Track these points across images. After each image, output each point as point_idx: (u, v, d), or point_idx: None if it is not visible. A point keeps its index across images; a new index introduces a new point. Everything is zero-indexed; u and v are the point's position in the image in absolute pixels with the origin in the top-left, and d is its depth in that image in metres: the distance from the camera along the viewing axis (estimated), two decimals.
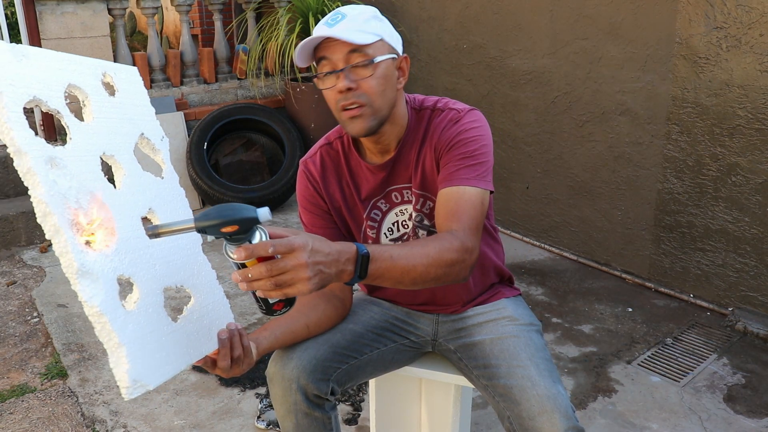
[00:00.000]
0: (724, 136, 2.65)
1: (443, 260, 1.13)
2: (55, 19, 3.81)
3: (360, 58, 1.24)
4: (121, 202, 0.97)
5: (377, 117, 1.29)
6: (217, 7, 4.45)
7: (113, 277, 0.90)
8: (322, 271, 0.96)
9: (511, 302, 1.52)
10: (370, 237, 1.46)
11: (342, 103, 1.27)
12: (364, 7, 1.31)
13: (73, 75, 0.97)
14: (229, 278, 3.17)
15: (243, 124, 4.25)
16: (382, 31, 1.28)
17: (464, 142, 1.31)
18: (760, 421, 2.11)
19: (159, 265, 1.00)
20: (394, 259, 1.07)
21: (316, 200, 1.45)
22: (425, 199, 1.40)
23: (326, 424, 1.37)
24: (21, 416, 2.18)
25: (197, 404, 2.23)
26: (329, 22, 1.26)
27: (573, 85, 3.18)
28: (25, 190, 3.77)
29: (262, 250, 0.91)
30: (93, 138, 0.97)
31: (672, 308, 2.85)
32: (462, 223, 1.21)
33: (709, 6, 2.59)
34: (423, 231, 1.43)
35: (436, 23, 3.85)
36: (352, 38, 1.22)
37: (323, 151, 1.46)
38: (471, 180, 1.27)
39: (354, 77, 1.25)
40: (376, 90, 1.27)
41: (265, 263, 0.92)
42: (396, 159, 1.39)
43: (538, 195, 3.46)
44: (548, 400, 1.23)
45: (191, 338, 1.04)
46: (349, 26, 1.24)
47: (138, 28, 7.11)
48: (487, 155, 1.32)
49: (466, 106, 1.38)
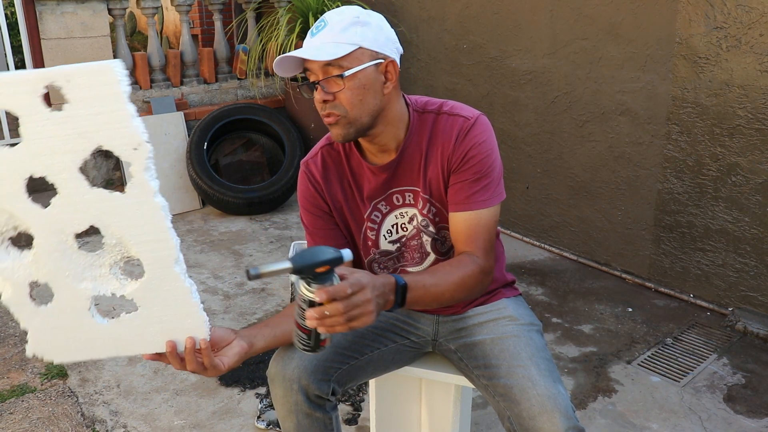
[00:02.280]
0: (724, 136, 2.65)
1: (466, 285, 1.29)
2: (55, 19, 3.81)
3: (335, 71, 1.25)
4: (48, 220, 1.06)
5: (354, 125, 1.30)
6: (217, 7, 4.45)
7: (25, 281, 1.09)
8: (378, 303, 1.09)
9: (512, 302, 1.52)
10: (369, 238, 1.46)
11: (321, 113, 1.31)
12: (348, 10, 1.29)
13: (4, 98, 0.98)
14: (229, 278, 3.19)
15: (243, 124, 4.25)
16: (361, 38, 1.26)
17: (477, 159, 1.33)
18: (760, 421, 2.11)
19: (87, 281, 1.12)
20: (426, 288, 1.22)
21: (317, 202, 1.45)
22: (431, 204, 1.40)
23: (327, 424, 1.38)
24: (21, 416, 2.18)
25: (197, 404, 2.23)
26: (313, 30, 1.29)
27: (573, 85, 3.18)
28: None
29: (342, 292, 1.02)
30: (16, 163, 1.01)
31: (672, 308, 2.85)
32: (479, 247, 1.33)
33: (709, 6, 2.59)
34: (428, 237, 1.43)
35: (436, 23, 3.85)
36: (320, 56, 1.24)
37: (324, 151, 1.46)
38: (486, 202, 1.34)
39: (329, 89, 1.27)
40: (352, 101, 1.27)
41: (341, 302, 1.02)
42: (399, 161, 1.39)
43: (538, 195, 3.46)
44: (549, 400, 1.23)
45: (123, 338, 1.15)
46: (325, 39, 1.26)
47: (138, 28, 7.12)
48: (498, 167, 1.38)
49: (472, 112, 1.37)
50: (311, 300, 1.03)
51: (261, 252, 3.49)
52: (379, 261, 1.49)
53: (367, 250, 1.48)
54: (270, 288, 3.08)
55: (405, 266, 1.49)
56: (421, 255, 1.46)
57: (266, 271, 1.02)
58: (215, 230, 3.83)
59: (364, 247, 1.48)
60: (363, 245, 1.47)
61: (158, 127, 4.07)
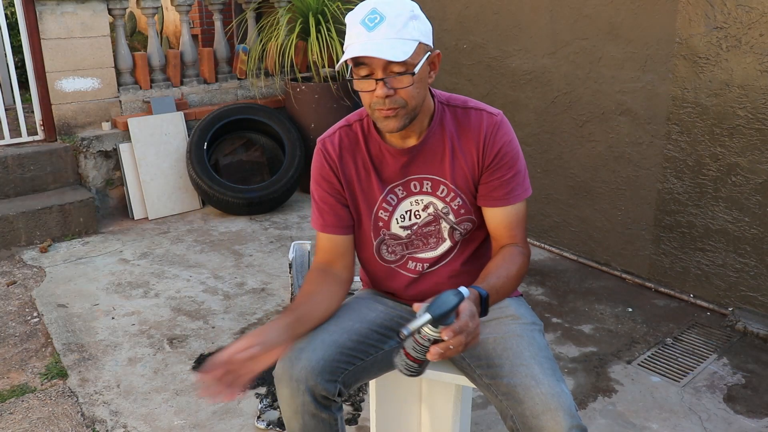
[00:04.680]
0: (724, 136, 2.65)
1: (521, 276, 1.41)
2: (55, 19, 3.81)
3: (401, 68, 1.26)
4: None
5: (410, 116, 1.33)
6: (217, 7, 4.45)
7: None
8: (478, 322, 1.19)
9: (513, 302, 1.53)
10: (381, 219, 1.48)
11: (378, 107, 1.30)
12: (403, 4, 1.28)
13: None
14: (229, 278, 3.19)
15: (243, 124, 4.25)
16: (419, 33, 1.28)
17: (510, 156, 1.42)
18: (760, 421, 2.11)
19: None
20: (496, 290, 1.31)
21: (330, 178, 1.47)
22: (458, 195, 1.44)
23: (332, 425, 1.38)
24: (21, 416, 2.18)
25: (197, 404, 2.23)
26: (367, 23, 1.25)
27: (573, 85, 3.18)
28: (26, 190, 3.77)
29: (465, 327, 1.13)
30: None
31: (672, 308, 2.85)
32: (521, 238, 1.45)
33: (709, 6, 2.59)
34: (446, 224, 1.47)
35: (436, 23, 3.85)
36: (395, 56, 1.23)
37: (342, 132, 1.47)
38: (521, 195, 1.45)
39: (393, 85, 1.27)
40: (414, 94, 1.30)
41: (463, 335, 1.13)
42: (420, 148, 1.42)
43: (538, 195, 3.46)
44: (552, 399, 1.23)
45: None
46: (388, 34, 1.23)
47: (138, 28, 7.11)
48: (523, 161, 1.46)
49: (494, 109, 1.44)
50: (437, 338, 1.14)
51: (261, 252, 3.49)
52: (388, 243, 1.51)
53: (378, 230, 1.49)
54: (270, 288, 3.08)
55: (415, 253, 1.50)
56: (437, 240, 1.49)
57: (414, 327, 1.14)
58: (215, 230, 3.83)
59: (375, 228, 1.49)
60: (374, 226, 1.49)
61: (158, 127, 4.07)
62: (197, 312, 2.87)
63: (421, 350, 1.16)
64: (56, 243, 3.62)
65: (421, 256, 1.50)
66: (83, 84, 3.97)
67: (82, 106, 4.00)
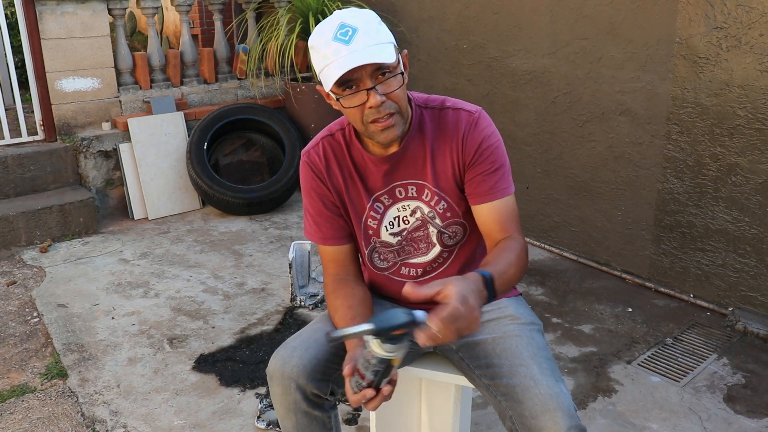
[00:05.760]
0: (724, 136, 2.65)
1: (522, 264, 1.33)
2: (55, 19, 3.81)
3: (387, 72, 1.26)
4: None
5: (405, 119, 1.34)
6: (217, 7, 4.45)
7: None
8: (479, 305, 1.11)
9: (512, 302, 1.52)
10: (370, 227, 1.48)
11: (374, 117, 1.28)
12: (363, 13, 1.28)
13: None
14: (229, 278, 3.20)
15: (243, 124, 4.25)
16: (389, 36, 1.29)
17: (491, 150, 1.38)
18: (760, 421, 2.11)
19: None
20: (501, 274, 1.23)
21: (321, 190, 1.46)
22: (441, 198, 1.43)
23: (326, 423, 1.38)
24: (21, 416, 2.18)
25: (197, 404, 2.23)
26: (341, 38, 1.22)
27: (573, 85, 3.18)
28: (26, 190, 3.77)
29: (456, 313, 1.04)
30: None
31: (672, 308, 2.85)
32: (514, 230, 1.39)
33: (709, 6, 2.59)
34: (434, 228, 1.46)
35: (436, 23, 3.85)
36: (385, 58, 1.23)
37: (325, 141, 1.47)
38: (506, 189, 1.40)
39: (384, 91, 1.27)
40: (401, 96, 1.30)
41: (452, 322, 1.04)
42: (401, 154, 1.41)
43: (538, 195, 3.46)
44: (551, 399, 1.23)
45: None
46: (367, 42, 1.22)
47: (138, 28, 7.11)
48: (506, 156, 1.42)
49: (474, 107, 1.42)
50: (385, 359, 1.08)
51: (261, 252, 3.49)
52: (380, 251, 1.50)
53: (368, 238, 1.49)
54: (270, 288, 3.08)
55: (407, 259, 1.50)
56: (427, 245, 1.48)
57: (346, 333, 1.08)
58: (215, 230, 3.83)
59: (365, 237, 1.49)
60: (364, 234, 1.49)
61: (158, 127, 4.07)
62: (197, 312, 2.87)
63: (370, 369, 1.11)
64: (56, 243, 3.63)
65: (413, 261, 1.50)
66: (83, 84, 3.97)
67: (82, 106, 4.00)
